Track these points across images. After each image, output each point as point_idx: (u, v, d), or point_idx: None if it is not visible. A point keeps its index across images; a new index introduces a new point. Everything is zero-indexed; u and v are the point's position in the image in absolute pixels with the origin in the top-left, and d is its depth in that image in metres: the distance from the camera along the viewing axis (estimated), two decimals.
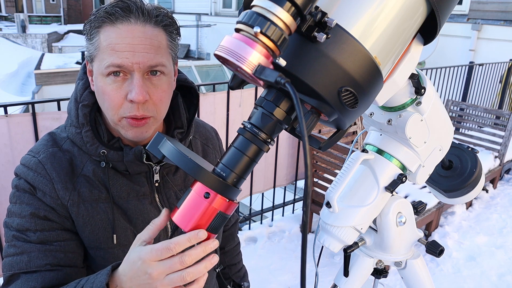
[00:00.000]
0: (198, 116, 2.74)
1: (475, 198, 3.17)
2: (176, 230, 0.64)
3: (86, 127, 0.87)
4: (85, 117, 0.87)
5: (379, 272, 0.94)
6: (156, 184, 0.94)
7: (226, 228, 1.25)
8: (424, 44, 0.71)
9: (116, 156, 0.87)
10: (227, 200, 0.59)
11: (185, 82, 1.01)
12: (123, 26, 0.80)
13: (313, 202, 3.16)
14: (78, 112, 0.88)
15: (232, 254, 1.28)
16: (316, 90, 0.54)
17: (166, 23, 0.85)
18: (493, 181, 4.27)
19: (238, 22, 0.51)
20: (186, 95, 1.02)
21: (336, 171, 2.94)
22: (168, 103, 0.90)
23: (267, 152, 0.59)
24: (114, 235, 0.88)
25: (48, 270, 0.82)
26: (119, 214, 0.90)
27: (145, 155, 0.89)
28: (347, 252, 0.87)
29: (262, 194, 3.57)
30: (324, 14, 0.52)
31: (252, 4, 0.51)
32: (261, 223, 3.54)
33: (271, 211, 3.55)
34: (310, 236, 3.13)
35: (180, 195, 0.97)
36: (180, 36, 0.91)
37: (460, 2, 7.09)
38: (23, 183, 0.85)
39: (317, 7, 0.52)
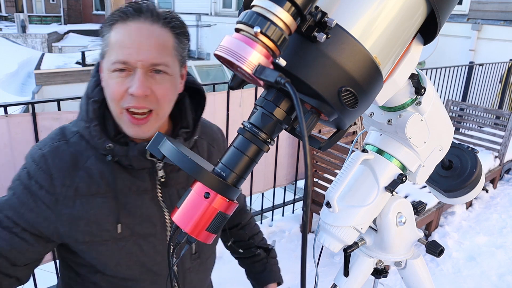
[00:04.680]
0: None
1: (475, 198, 3.17)
2: (176, 230, 0.64)
3: (95, 122, 0.90)
4: (94, 112, 0.90)
5: (379, 272, 0.94)
6: (162, 180, 0.97)
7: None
8: (424, 44, 0.71)
9: (122, 150, 0.90)
10: (227, 200, 0.59)
11: (193, 84, 1.04)
12: (133, 24, 0.85)
13: (313, 202, 3.16)
14: (88, 107, 0.91)
15: (250, 226, 1.34)
16: (316, 90, 0.54)
17: (175, 25, 0.89)
18: (493, 181, 4.28)
19: (238, 22, 0.51)
20: (195, 96, 1.05)
21: (336, 171, 2.94)
22: (171, 102, 0.92)
23: (267, 152, 0.59)
24: (119, 225, 0.91)
25: None
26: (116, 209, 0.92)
27: (148, 151, 0.90)
28: (347, 252, 0.87)
29: (262, 194, 3.56)
30: (324, 14, 0.52)
31: (252, 4, 0.51)
32: (261, 223, 3.54)
33: (271, 211, 3.55)
34: (310, 236, 3.12)
35: (182, 193, 0.98)
36: (189, 40, 0.94)
37: (460, 2, 7.09)
38: (25, 174, 0.90)
39: (317, 7, 0.52)
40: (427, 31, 0.67)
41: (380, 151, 0.83)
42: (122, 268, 0.93)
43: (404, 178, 0.82)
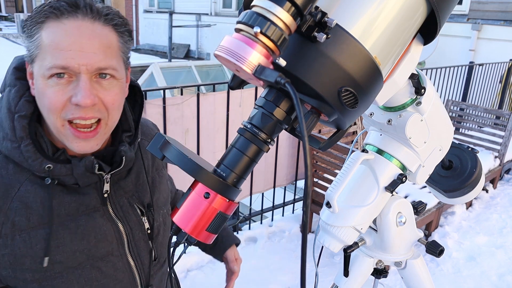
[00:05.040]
0: (198, 116, 2.75)
1: (475, 198, 3.17)
2: (176, 230, 0.64)
3: (26, 141, 0.76)
4: (24, 130, 0.77)
5: (379, 272, 0.94)
6: (106, 195, 0.86)
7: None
8: (424, 44, 0.71)
9: (64, 169, 0.79)
10: (227, 200, 0.60)
11: None
12: (69, 22, 0.73)
13: (313, 202, 3.16)
14: (15, 124, 0.77)
15: None
16: (316, 90, 0.54)
17: (117, 22, 0.79)
18: (493, 181, 4.27)
19: (238, 22, 0.51)
20: (129, 94, 0.94)
21: (336, 171, 2.94)
22: (120, 109, 0.83)
23: (267, 152, 0.59)
24: (46, 258, 0.78)
25: None
26: (66, 236, 0.80)
27: (97, 165, 0.81)
28: (347, 252, 0.87)
29: (262, 194, 3.57)
30: (324, 14, 0.52)
31: (252, 4, 0.51)
32: (261, 223, 3.54)
33: (271, 211, 3.55)
34: (310, 236, 3.12)
35: (132, 201, 0.92)
36: (132, 39, 0.84)
37: (460, 2, 7.09)
38: None
39: (317, 7, 0.52)
40: (427, 31, 0.67)
41: (380, 151, 0.83)
42: None
43: (404, 178, 0.82)
